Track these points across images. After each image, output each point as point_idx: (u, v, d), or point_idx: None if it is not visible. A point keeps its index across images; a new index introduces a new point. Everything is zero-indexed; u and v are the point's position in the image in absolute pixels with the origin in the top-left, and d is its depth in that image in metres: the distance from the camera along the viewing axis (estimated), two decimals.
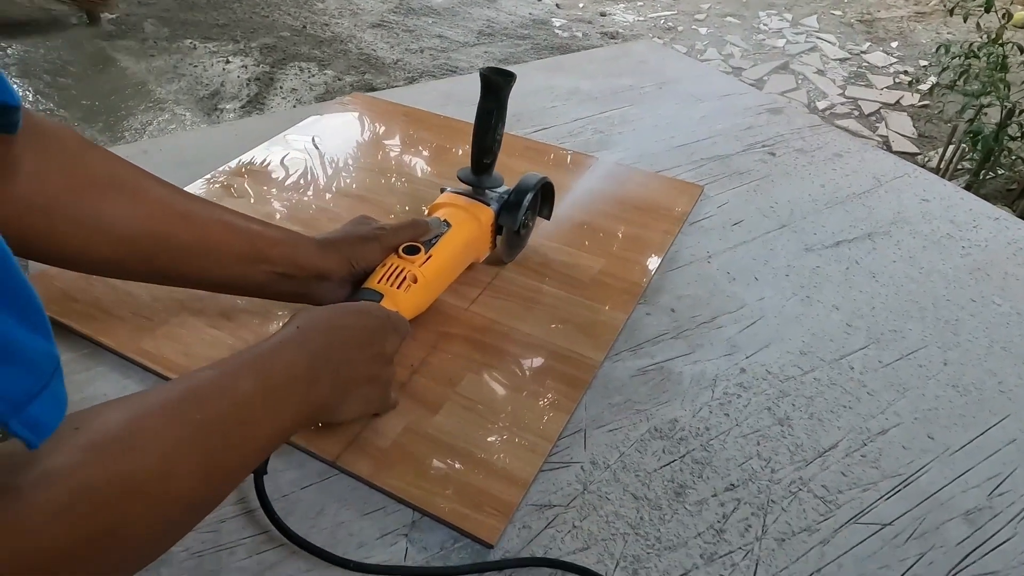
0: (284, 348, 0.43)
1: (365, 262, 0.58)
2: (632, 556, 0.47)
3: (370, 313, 0.50)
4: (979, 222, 0.82)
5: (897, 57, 3.26)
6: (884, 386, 0.60)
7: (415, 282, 0.57)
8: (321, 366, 0.44)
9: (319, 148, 0.88)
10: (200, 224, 0.52)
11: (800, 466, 0.53)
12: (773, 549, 0.47)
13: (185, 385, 0.38)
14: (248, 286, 0.55)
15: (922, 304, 0.69)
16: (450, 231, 0.62)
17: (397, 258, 0.58)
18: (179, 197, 0.53)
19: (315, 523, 0.47)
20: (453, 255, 0.62)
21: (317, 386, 0.44)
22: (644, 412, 0.57)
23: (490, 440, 0.52)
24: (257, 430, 0.40)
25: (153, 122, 2.49)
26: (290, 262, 0.55)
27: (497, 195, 0.66)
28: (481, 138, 0.64)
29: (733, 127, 1.00)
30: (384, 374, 0.51)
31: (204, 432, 0.36)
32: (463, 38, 3.29)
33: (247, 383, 0.40)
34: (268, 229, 0.56)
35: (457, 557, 0.46)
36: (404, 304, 0.56)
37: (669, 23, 3.60)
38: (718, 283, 0.71)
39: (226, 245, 0.53)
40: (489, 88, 0.62)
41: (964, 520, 0.50)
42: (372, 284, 0.57)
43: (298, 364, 0.43)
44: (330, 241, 0.58)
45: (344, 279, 0.58)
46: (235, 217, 0.55)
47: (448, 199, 0.66)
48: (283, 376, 0.42)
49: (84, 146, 0.49)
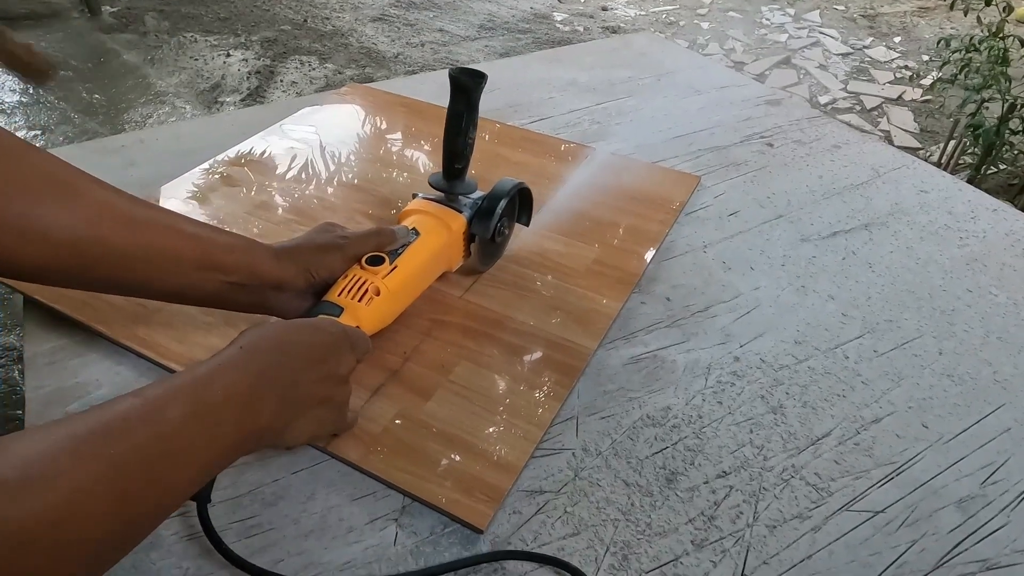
0: (223, 370, 0.40)
1: (326, 272, 0.55)
2: (622, 542, 0.47)
3: (324, 329, 0.47)
4: (977, 213, 0.81)
5: (899, 52, 3.25)
6: (879, 375, 0.60)
7: (378, 295, 0.54)
8: (266, 388, 0.41)
9: (316, 138, 0.88)
10: (145, 229, 0.48)
11: (793, 454, 0.53)
12: (764, 536, 0.47)
13: (101, 415, 0.34)
14: (199, 296, 0.52)
15: (918, 294, 0.69)
16: (418, 240, 0.59)
17: (359, 269, 0.55)
18: (123, 200, 0.48)
19: (305, 507, 0.47)
20: (421, 265, 0.59)
21: (260, 410, 0.40)
22: (637, 400, 0.56)
23: (481, 427, 0.52)
24: (186, 462, 0.36)
25: (153, 115, 2.49)
26: (244, 271, 0.52)
27: (471, 201, 0.64)
28: (452, 142, 0.61)
29: (731, 118, 0.99)
30: (338, 395, 0.48)
31: (120, 468, 0.33)
32: (464, 32, 3.28)
33: (176, 410, 0.36)
34: (221, 235, 0.52)
35: (447, 542, 0.46)
36: (366, 318, 0.53)
37: (671, 17, 3.58)
38: (713, 272, 0.70)
39: (174, 251, 0.49)
40: (459, 89, 0.60)
41: (957, 508, 0.50)
42: (332, 297, 0.54)
43: (238, 386, 0.39)
44: (288, 249, 0.55)
45: (303, 290, 0.55)
46: (184, 222, 0.51)
47: (419, 206, 0.63)
48: (220, 401, 0.38)
49: (20, 147, 0.44)
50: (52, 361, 0.57)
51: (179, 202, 0.75)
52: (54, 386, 0.55)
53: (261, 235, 0.70)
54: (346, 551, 0.45)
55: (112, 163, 0.83)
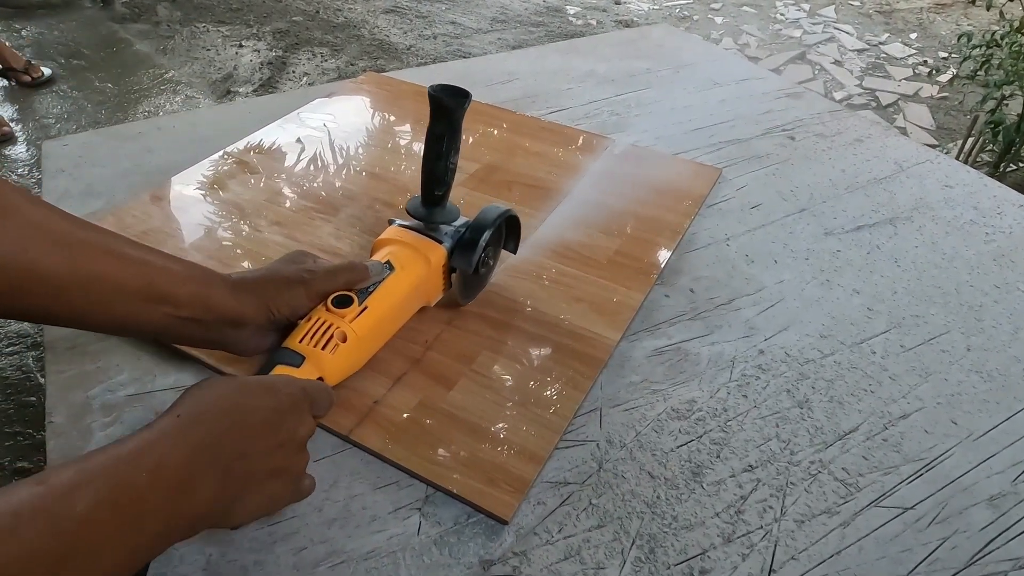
0: (153, 444, 0.34)
1: (288, 309, 0.50)
2: (649, 535, 0.46)
3: (279, 390, 0.41)
4: (1003, 209, 0.80)
5: (916, 48, 3.21)
6: (906, 370, 0.59)
7: (344, 341, 0.49)
8: (205, 465, 0.35)
9: (334, 126, 0.87)
10: (82, 254, 0.43)
11: (820, 448, 0.52)
12: (792, 530, 0.47)
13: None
14: (146, 329, 0.47)
15: (945, 290, 0.68)
16: (392, 276, 0.54)
17: (325, 311, 0.50)
18: (59, 221, 0.43)
19: (328, 495, 0.47)
20: (394, 305, 0.54)
21: (196, 491, 0.35)
22: (661, 392, 0.56)
23: (505, 416, 0.52)
24: (97, 562, 0.31)
25: (166, 105, 2.49)
26: (197, 304, 0.47)
27: (452, 230, 0.58)
28: (432, 167, 0.55)
29: (751, 111, 0.98)
30: (294, 464, 0.41)
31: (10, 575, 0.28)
32: (476, 25, 3.27)
33: (84, 499, 0.30)
34: (171, 263, 0.47)
35: (471, 532, 0.45)
36: (330, 368, 0.48)
37: (684, 12, 3.56)
38: (736, 265, 0.69)
39: (115, 280, 0.44)
40: (440, 111, 0.54)
41: (988, 505, 0.49)
42: (293, 343, 0.48)
43: (170, 465, 0.34)
44: (248, 282, 0.50)
45: (262, 326, 0.50)
46: (130, 247, 0.46)
47: (395, 234, 0.57)
48: (144, 483, 0.33)
49: None
50: (73, 345, 0.57)
51: (195, 189, 0.74)
52: (75, 371, 0.55)
53: (278, 223, 0.70)
54: (370, 540, 0.45)
55: (130, 149, 0.83)
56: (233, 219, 0.70)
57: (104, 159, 0.81)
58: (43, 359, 0.56)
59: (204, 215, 0.70)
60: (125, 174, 0.78)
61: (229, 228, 0.69)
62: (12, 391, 1.41)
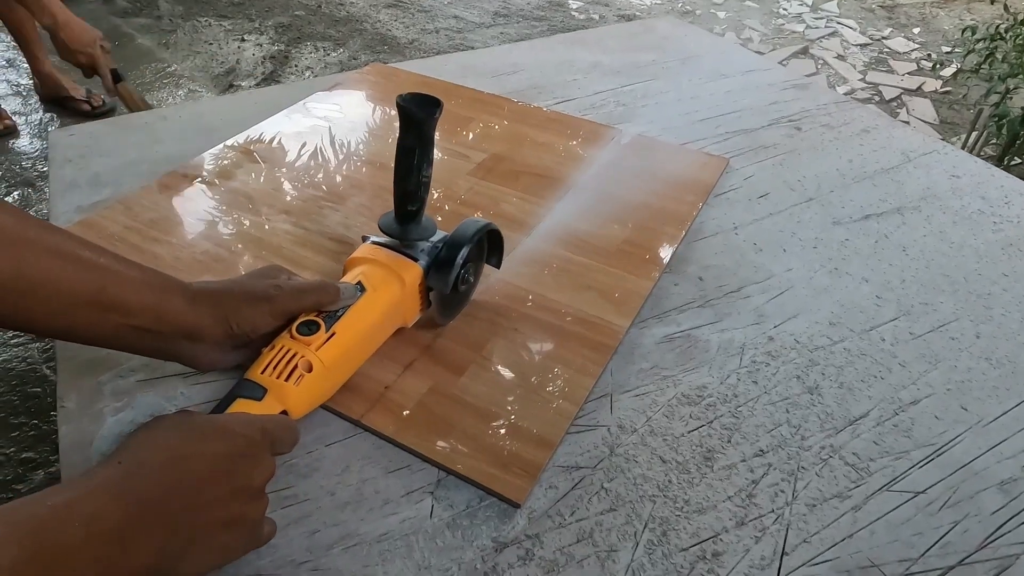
0: (90, 496, 0.32)
1: (248, 325, 0.47)
2: (661, 518, 0.46)
3: (233, 434, 0.38)
4: (1011, 198, 0.80)
5: (919, 43, 3.21)
6: (915, 357, 0.59)
7: (309, 371, 0.46)
8: (146, 519, 0.32)
9: (339, 116, 0.87)
10: (27, 254, 0.40)
11: (831, 434, 0.52)
12: (804, 514, 0.47)
13: None
14: (96, 338, 0.44)
15: (953, 278, 0.68)
16: (364, 298, 0.50)
17: (289, 339, 0.46)
18: (5, 218, 0.40)
19: (341, 479, 0.47)
20: (364, 331, 0.50)
21: (137, 547, 0.32)
22: (671, 378, 0.56)
23: (515, 402, 0.52)
24: None
25: (168, 99, 2.49)
26: (150, 314, 0.44)
27: (429, 246, 0.55)
28: (403, 181, 0.52)
29: (758, 102, 0.98)
30: (250, 512, 0.38)
31: None
32: (479, 19, 3.26)
33: (9, 555, 0.28)
34: (126, 269, 0.44)
35: (484, 515, 0.46)
36: (294, 400, 0.45)
37: (687, 6, 3.55)
38: (745, 254, 0.69)
39: (60, 284, 0.41)
40: (409, 122, 0.50)
41: (999, 490, 0.49)
42: (254, 375, 0.45)
43: (108, 519, 0.31)
44: (208, 293, 0.47)
45: (220, 341, 0.47)
46: (83, 250, 0.42)
47: (367, 253, 0.54)
48: (78, 540, 0.30)
49: None
50: None
51: (203, 178, 0.74)
52: (86, 357, 0.55)
53: (286, 212, 0.70)
54: (383, 523, 0.45)
55: (137, 139, 0.83)
56: (241, 208, 0.70)
57: (111, 149, 0.81)
58: (48, 351, 0.56)
59: (212, 204, 0.70)
60: (132, 164, 0.78)
61: (237, 217, 0.69)
62: (17, 382, 1.41)
